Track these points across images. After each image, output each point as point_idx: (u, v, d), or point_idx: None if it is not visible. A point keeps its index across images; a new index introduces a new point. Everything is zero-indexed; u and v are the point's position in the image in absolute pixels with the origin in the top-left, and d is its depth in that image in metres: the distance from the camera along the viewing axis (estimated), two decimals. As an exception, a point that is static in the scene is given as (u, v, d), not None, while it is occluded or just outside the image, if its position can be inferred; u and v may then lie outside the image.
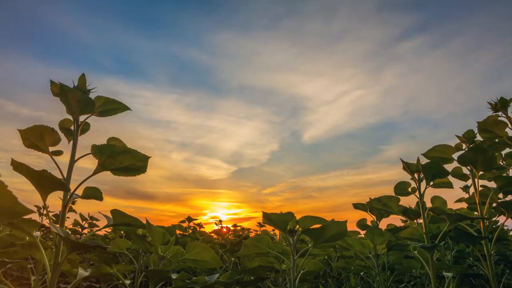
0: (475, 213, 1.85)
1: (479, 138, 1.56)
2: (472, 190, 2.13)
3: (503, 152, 1.67)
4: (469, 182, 1.87)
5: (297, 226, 1.50)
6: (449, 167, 1.53)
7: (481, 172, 1.50)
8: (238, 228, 3.51)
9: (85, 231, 3.39)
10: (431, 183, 1.51)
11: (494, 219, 1.83)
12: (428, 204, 1.79)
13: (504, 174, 1.61)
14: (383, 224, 2.23)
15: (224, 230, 3.20)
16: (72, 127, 1.12)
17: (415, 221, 1.66)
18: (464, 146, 1.62)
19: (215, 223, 3.60)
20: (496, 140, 1.49)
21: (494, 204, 1.55)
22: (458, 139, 1.64)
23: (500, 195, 1.57)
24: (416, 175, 1.52)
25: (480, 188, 1.56)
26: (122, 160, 1.05)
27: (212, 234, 3.28)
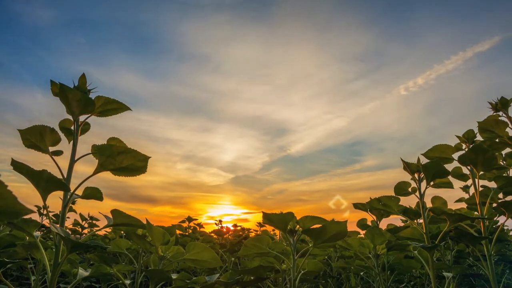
0: (475, 213, 1.85)
1: (479, 138, 1.56)
2: (472, 190, 2.13)
3: (503, 152, 1.67)
4: (469, 182, 1.87)
5: (297, 226, 1.50)
6: (449, 167, 1.53)
7: (481, 172, 1.50)
8: (238, 228, 3.51)
9: (85, 231, 3.39)
10: (431, 183, 1.51)
11: (494, 219, 1.83)
12: (428, 204, 1.79)
13: (504, 174, 1.61)
14: (383, 224, 2.23)
15: (224, 230, 3.19)
16: (72, 127, 1.12)
17: (415, 221, 1.66)
18: (464, 146, 1.62)
19: (215, 223, 3.60)
20: (497, 140, 1.49)
21: (494, 204, 1.55)
22: (458, 139, 1.63)
23: (500, 195, 1.56)
24: (416, 175, 1.51)
25: (480, 188, 1.56)
26: (122, 160, 1.05)
27: (212, 234, 3.27)
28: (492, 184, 1.56)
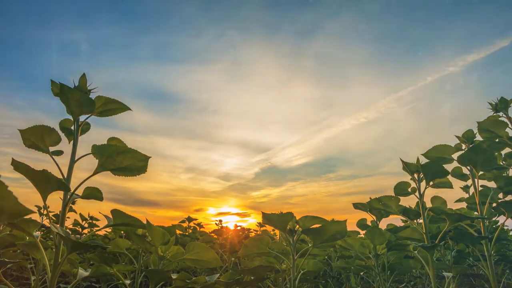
0: (475, 213, 1.85)
1: (479, 138, 1.56)
2: (472, 190, 2.13)
3: (503, 152, 1.67)
4: (469, 182, 1.87)
5: (297, 226, 1.50)
6: (449, 167, 1.53)
7: (481, 172, 1.50)
8: (238, 228, 3.51)
9: (85, 231, 3.39)
10: (431, 183, 1.51)
11: (494, 219, 1.83)
12: (428, 204, 1.79)
13: (504, 174, 1.61)
14: (383, 224, 2.23)
15: (224, 230, 3.19)
16: (72, 127, 1.12)
17: (415, 221, 1.66)
18: (463, 146, 1.62)
19: (216, 223, 3.61)
20: (496, 140, 1.49)
21: (494, 204, 1.55)
22: (458, 140, 1.64)
23: (500, 195, 1.57)
24: (416, 175, 1.52)
25: (480, 188, 1.56)
26: (122, 160, 1.05)
27: (212, 234, 3.27)
28: (492, 184, 1.56)
